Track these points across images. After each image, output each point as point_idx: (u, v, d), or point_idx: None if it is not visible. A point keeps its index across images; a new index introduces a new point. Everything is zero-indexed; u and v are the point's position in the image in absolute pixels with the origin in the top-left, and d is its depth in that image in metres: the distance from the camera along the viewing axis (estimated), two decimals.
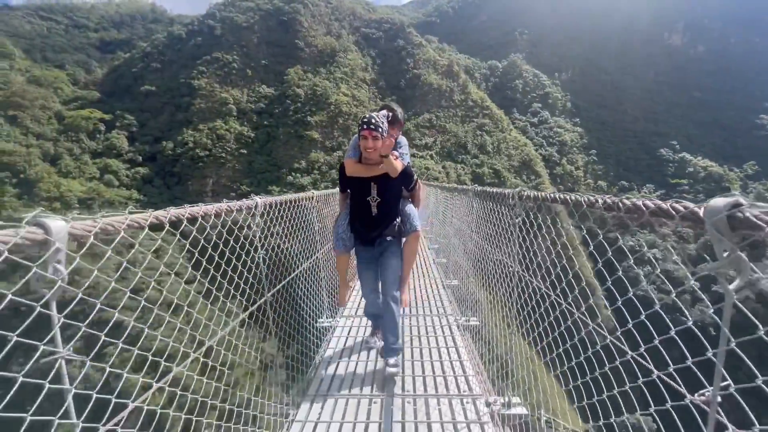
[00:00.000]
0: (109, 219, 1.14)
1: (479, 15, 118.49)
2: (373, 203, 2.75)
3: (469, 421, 2.49)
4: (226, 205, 1.80)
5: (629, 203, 1.18)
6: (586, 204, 1.36)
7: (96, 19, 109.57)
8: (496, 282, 3.19)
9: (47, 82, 63.21)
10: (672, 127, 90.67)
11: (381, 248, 2.94)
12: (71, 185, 47.48)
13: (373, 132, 2.52)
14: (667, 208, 1.03)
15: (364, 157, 2.69)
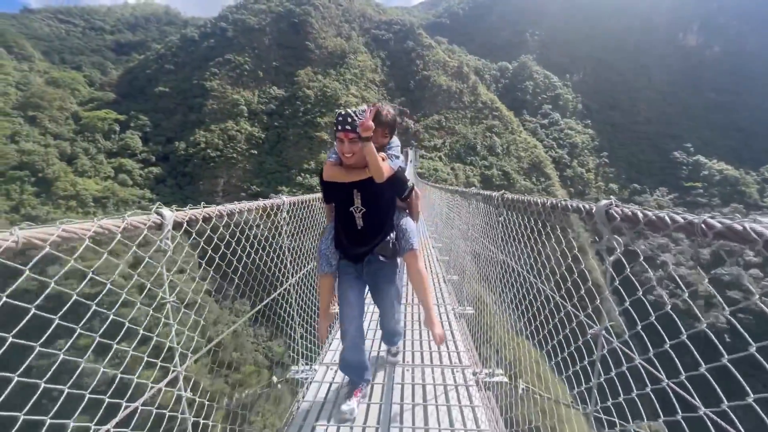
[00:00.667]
0: (196, 210, 1.67)
1: (489, 16, 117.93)
2: (357, 214, 2.30)
3: (457, 385, 2.93)
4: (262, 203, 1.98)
5: (537, 200, 1.98)
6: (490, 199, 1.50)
7: (112, 21, 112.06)
8: (495, 277, 3.37)
9: (65, 84, 64.93)
10: (686, 129, 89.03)
11: (372, 269, 2.45)
12: (87, 184, 48.68)
13: (350, 133, 2.06)
14: (568, 205, 1.60)
15: (344, 162, 2.24)
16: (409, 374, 3.02)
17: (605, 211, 1.33)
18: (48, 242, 1.00)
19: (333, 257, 2.47)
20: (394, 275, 2.54)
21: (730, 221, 0.87)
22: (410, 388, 2.85)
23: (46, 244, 1.00)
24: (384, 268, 2.46)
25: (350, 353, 2.55)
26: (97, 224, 1.16)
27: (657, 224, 1.08)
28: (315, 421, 2.54)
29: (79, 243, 1.12)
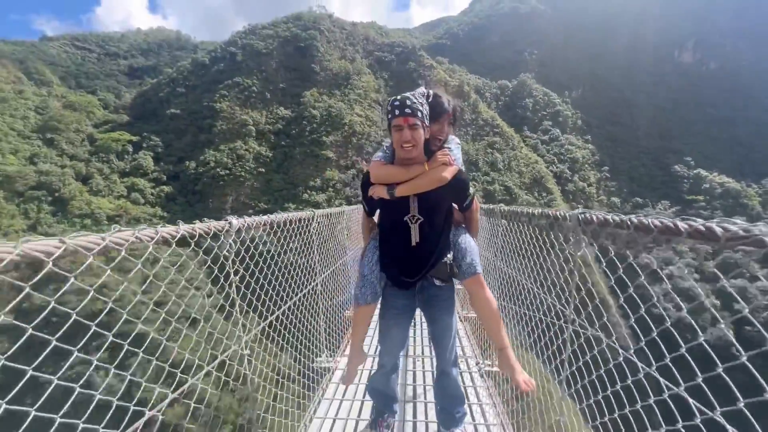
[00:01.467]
0: (252, 219, 2.25)
1: (489, 36, 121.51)
2: (413, 224, 1.84)
3: (461, 371, 3.14)
4: (201, 227, 1.61)
5: (526, 210, 2.36)
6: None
7: (125, 47, 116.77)
8: (508, 290, 3.14)
9: (81, 107, 67.74)
10: (686, 143, 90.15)
11: (425, 297, 2.02)
12: (101, 203, 50.33)
13: (410, 119, 1.69)
14: (547, 212, 2.10)
15: (401, 158, 1.82)
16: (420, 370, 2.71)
17: (577, 216, 1.61)
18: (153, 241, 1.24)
19: (378, 283, 2.05)
20: (452, 304, 2.08)
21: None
22: (421, 375, 2.80)
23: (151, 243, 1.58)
24: (441, 295, 2.01)
25: (381, 383, 2.30)
26: (181, 228, 1.39)
27: (621, 225, 1.27)
28: (336, 415, 2.76)
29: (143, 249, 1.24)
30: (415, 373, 3.33)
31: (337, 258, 4.39)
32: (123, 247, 1.15)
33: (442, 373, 2.18)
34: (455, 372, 2.18)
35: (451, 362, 2.13)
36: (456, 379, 2.19)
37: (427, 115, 1.77)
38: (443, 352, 2.09)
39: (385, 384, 2.29)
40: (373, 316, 2.18)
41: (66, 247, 0.96)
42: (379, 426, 2.34)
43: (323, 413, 2.76)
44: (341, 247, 4.59)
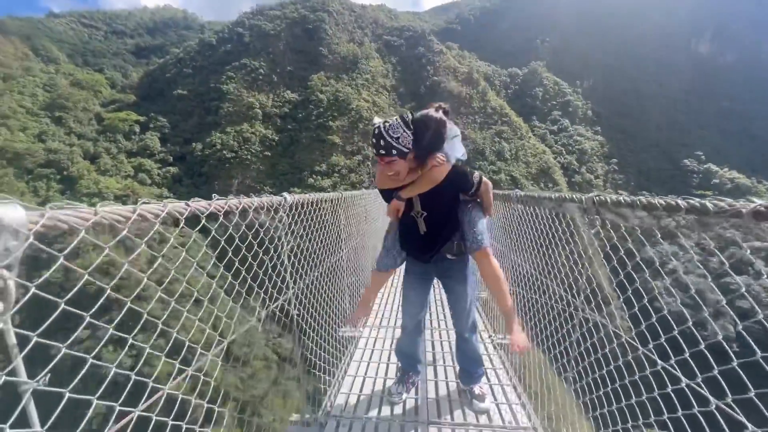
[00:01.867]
0: (300, 196, 2.39)
1: (501, 22, 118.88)
2: (419, 218, 2.12)
3: (481, 340, 3.12)
4: (258, 200, 1.68)
5: (547, 194, 2.44)
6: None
7: (132, 25, 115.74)
8: (532, 295, 3.03)
9: (88, 86, 67.65)
10: (697, 137, 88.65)
11: (440, 267, 2.29)
12: (108, 182, 50.76)
13: (385, 158, 1.83)
14: (564, 195, 2.24)
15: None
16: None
17: (592, 198, 1.77)
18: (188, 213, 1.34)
19: (399, 255, 2.33)
20: (466, 275, 2.30)
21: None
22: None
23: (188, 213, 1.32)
24: (454, 267, 2.26)
25: (405, 345, 2.57)
26: (237, 202, 1.46)
27: (632, 205, 1.42)
28: (365, 374, 2.97)
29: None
30: (433, 343, 3.60)
31: (357, 236, 4.58)
32: (183, 216, 1.20)
33: (460, 337, 2.45)
34: (473, 337, 2.41)
35: (467, 328, 2.38)
36: (474, 343, 2.44)
37: (404, 143, 1.80)
38: (459, 318, 2.37)
39: (409, 345, 2.56)
40: (387, 281, 2.50)
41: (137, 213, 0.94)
42: (405, 382, 2.63)
43: (353, 372, 3.04)
44: (361, 228, 4.74)
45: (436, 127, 1.88)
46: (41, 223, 0.73)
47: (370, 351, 3.42)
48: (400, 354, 2.67)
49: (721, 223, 1.05)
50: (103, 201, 0.88)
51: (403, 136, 1.80)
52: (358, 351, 3.44)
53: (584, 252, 2.06)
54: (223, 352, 1.70)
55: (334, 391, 2.80)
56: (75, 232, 0.83)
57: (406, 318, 2.47)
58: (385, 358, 3.25)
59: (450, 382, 2.82)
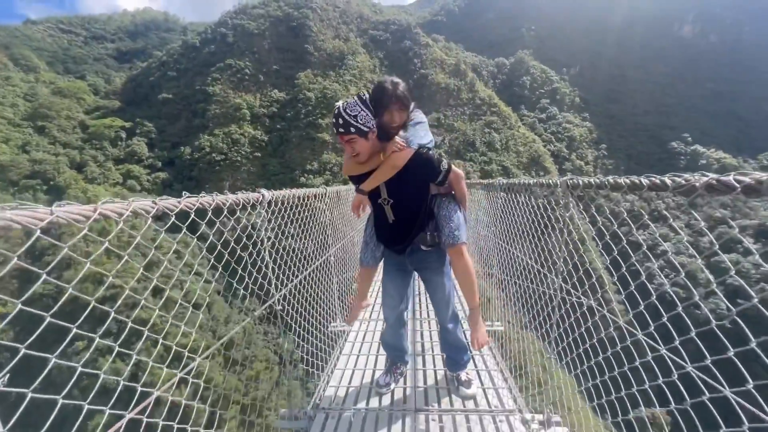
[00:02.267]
0: (282, 192, 2.35)
1: (486, 12, 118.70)
2: (386, 206, 2.09)
3: (464, 329, 2.68)
4: (233, 197, 1.61)
5: (522, 180, 2.45)
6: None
7: (112, 29, 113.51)
8: (516, 280, 3.11)
9: (70, 93, 66.36)
10: (684, 119, 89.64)
11: (416, 259, 2.24)
12: (97, 191, 49.98)
13: (344, 136, 1.85)
14: (540, 181, 2.31)
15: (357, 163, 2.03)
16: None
17: (566, 182, 1.86)
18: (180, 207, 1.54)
19: (377, 249, 2.33)
20: (442, 264, 2.25)
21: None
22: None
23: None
24: (429, 258, 2.22)
25: (390, 336, 2.58)
26: (210, 199, 1.43)
27: (601, 186, 1.51)
28: (354, 367, 2.97)
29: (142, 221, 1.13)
30: (422, 333, 3.62)
31: (346, 233, 4.57)
32: (150, 214, 1.14)
33: (442, 327, 2.44)
34: (453, 326, 2.40)
35: (448, 318, 2.37)
36: (455, 332, 2.42)
37: (363, 122, 1.84)
38: (438, 308, 2.38)
39: (393, 337, 2.57)
40: (374, 276, 2.45)
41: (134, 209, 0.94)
42: (393, 372, 2.65)
43: (342, 365, 3.05)
44: (349, 223, 4.68)
45: (403, 87, 1.94)
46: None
47: (360, 344, 3.44)
48: (386, 345, 2.69)
49: (710, 203, 1.04)
50: (76, 203, 0.89)
51: (360, 114, 1.84)
52: (348, 344, 3.46)
53: (563, 234, 2.06)
54: (213, 355, 1.64)
55: (323, 385, 2.82)
56: (31, 233, 0.80)
57: (386, 310, 2.47)
58: (374, 350, 3.27)
59: (438, 370, 2.84)
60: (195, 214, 1.39)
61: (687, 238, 1.64)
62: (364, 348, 3.37)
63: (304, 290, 2.92)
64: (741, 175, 0.94)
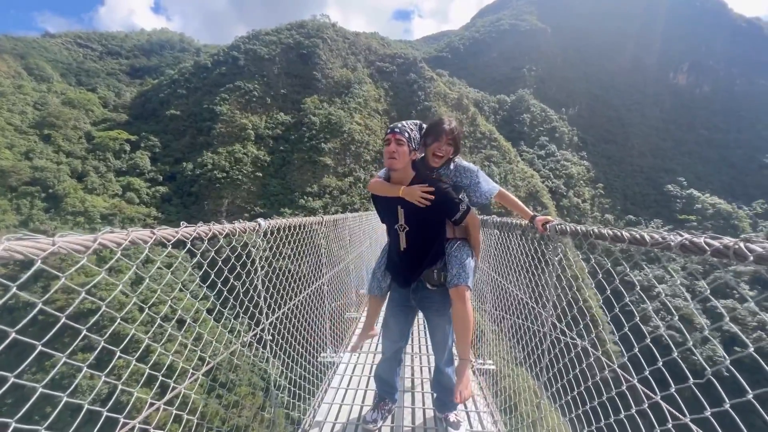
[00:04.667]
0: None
1: (489, 51, 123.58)
2: (401, 232, 2.10)
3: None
4: (230, 227, 1.63)
5: (510, 221, 2.47)
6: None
7: (128, 47, 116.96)
8: (509, 316, 3.11)
9: (80, 104, 67.51)
10: (679, 163, 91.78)
11: (419, 296, 2.24)
12: (95, 201, 49.94)
13: (397, 135, 1.98)
14: (530, 224, 2.31)
15: (387, 167, 2.08)
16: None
17: (555, 227, 1.89)
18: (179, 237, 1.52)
19: (384, 279, 2.36)
20: (446, 307, 2.20)
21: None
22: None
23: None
24: (432, 298, 2.19)
25: (383, 371, 2.55)
26: (207, 228, 1.45)
27: (587, 235, 1.52)
28: (335, 418, 2.79)
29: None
30: (413, 368, 3.55)
31: (340, 261, 4.54)
32: (147, 244, 1.15)
33: (437, 368, 2.41)
34: (449, 370, 2.35)
35: (444, 360, 2.34)
36: (450, 376, 2.36)
37: (414, 139, 2.03)
38: (435, 349, 2.37)
39: (386, 371, 2.53)
40: (381, 307, 2.51)
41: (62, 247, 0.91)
42: (380, 409, 2.58)
43: (330, 399, 2.98)
44: (344, 251, 4.66)
45: (454, 128, 2.17)
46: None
47: (349, 377, 3.37)
48: (377, 379, 2.62)
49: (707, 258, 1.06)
50: (88, 220, 0.91)
51: (415, 131, 2.07)
52: (337, 377, 3.38)
53: (552, 277, 2.08)
54: (201, 377, 1.65)
55: (309, 419, 2.74)
56: (32, 263, 0.82)
57: (385, 342, 2.45)
58: (363, 385, 3.20)
59: (426, 410, 2.79)
60: (192, 244, 1.40)
61: (682, 280, 1.64)
62: (353, 382, 3.27)
63: (295, 318, 2.85)
64: (711, 239, 0.98)
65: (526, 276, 2.70)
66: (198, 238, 1.41)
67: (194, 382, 1.60)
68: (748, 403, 0.96)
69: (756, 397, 0.96)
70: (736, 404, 1.00)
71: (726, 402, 0.99)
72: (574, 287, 2.01)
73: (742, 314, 45.82)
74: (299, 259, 3.13)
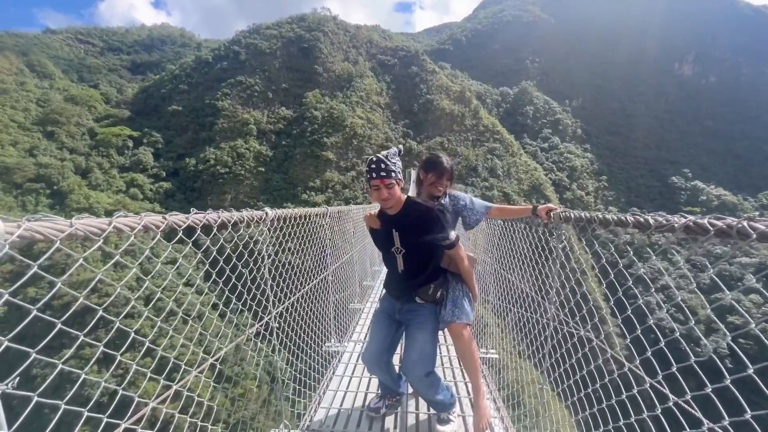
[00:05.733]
0: (283, 210, 2.39)
1: (492, 44, 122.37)
2: (398, 255, 2.13)
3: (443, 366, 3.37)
4: (239, 214, 1.66)
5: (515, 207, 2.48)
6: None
7: (129, 42, 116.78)
8: (511, 307, 3.14)
9: (82, 101, 67.66)
10: (684, 155, 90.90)
11: (405, 309, 2.22)
12: (99, 197, 50.22)
13: (385, 180, 1.94)
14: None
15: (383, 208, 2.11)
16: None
17: (559, 214, 1.96)
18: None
19: (383, 299, 2.42)
20: (429, 323, 2.17)
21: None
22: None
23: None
24: (418, 311, 2.18)
25: (378, 377, 2.57)
26: (216, 216, 1.48)
27: (591, 221, 1.56)
28: (346, 388, 2.95)
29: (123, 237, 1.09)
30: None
31: (344, 253, 4.59)
32: (159, 228, 1.21)
33: (413, 385, 2.27)
34: (424, 386, 2.18)
35: (416, 377, 2.14)
36: (428, 390, 2.20)
37: (399, 171, 1.99)
38: (406, 366, 2.16)
39: (380, 376, 2.48)
40: None
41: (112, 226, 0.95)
42: (384, 398, 2.59)
43: (335, 387, 3.04)
44: (348, 244, 4.71)
45: (451, 165, 2.40)
46: (17, 234, 0.77)
47: (353, 365, 3.42)
48: (380, 381, 2.63)
49: (711, 239, 1.08)
50: (92, 216, 0.93)
51: (398, 164, 2.00)
52: (341, 365, 3.43)
53: (555, 264, 2.10)
54: (207, 369, 1.69)
55: (314, 406, 2.79)
56: (51, 243, 0.86)
57: (367, 354, 2.36)
58: (367, 372, 3.23)
59: (433, 413, 2.77)
60: (203, 231, 1.45)
61: (686, 272, 1.65)
62: (358, 370, 3.31)
63: (301, 308, 2.91)
64: (716, 219, 0.98)
65: (529, 266, 2.71)
66: (207, 225, 1.45)
67: (200, 374, 1.64)
68: (751, 380, 0.97)
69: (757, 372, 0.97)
70: (736, 380, 1.01)
71: (727, 378, 1.01)
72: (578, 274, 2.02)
73: (746, 306, 45.74)
74: (305, 251, 3.15)
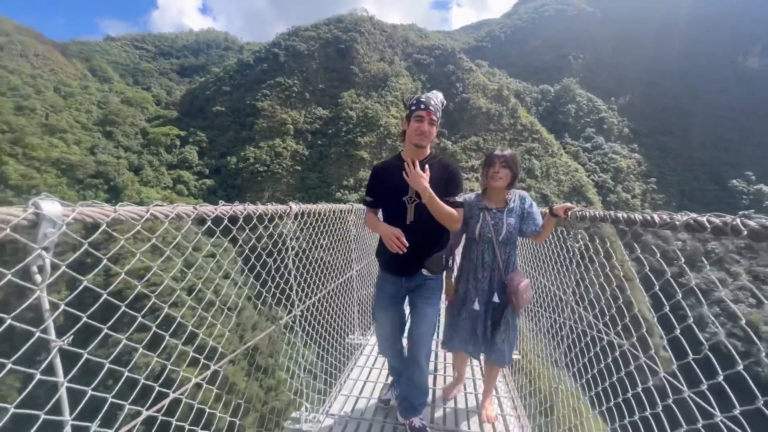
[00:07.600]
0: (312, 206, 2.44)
1: (532, 40, 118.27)
2: (409, 204, 1.96)
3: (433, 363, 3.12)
4: (263, 207, 1.71)
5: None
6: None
7: (178, 47, 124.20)
8: (544, 312, 3.05)
9: (136, 103, 72.79)
10: (747, 156, 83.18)
11: (412, 284, 2.09)
12: (149, 193, 53.79)
13: (432, 115, 1.89)
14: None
15: (412, 143, 1.95)
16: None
17: (576, 214, 1.96)
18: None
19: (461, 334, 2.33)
20: (436, 297, 2.10)
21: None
22: None
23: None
24: (425, 285, 2.08)
25: (390, 365, 2.58)
26: (242, 207, 1.58)
27: (604, 219, 1.59)
28: (366, 378, 3.13)
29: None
30: (436, 353, 3.68)
31: (370, 249, 4.67)
32: (191, 217, 1.33)
33: (413, 360, 2.15)
34: (425, 364, 2.16)
35: (423, 353, 2.13)
36: (425, 371, 2.18)
37: (439, 120, 1.98)
38: (417, 339, 2.09)
39: (394, 364, 2.50)
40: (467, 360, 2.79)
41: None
42: (396, 388, 2.59)
43: (355, 376, 3.22)
44: (373, 241, 4.76)
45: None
46: (72, 216, 0.91)
47: (374, 357, 3.60)
48: (391, 368, 2.62)
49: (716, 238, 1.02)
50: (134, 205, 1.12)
51: (440, 109, 1.98)
52: (363, 357, 3.63)
53: (578, 267, 2.08)
54: (238, 360, 1.74)
55: (335, 393, 2.94)
56: (98, 225, 1.02)
57: (380, 345, 2.35)
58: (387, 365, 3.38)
59: (438, 389, 2.93)
60: (230, 222, 1.53)
61: (747, 284, 1.46)
62: (378, 362, 3.50)
63: (327, 304, 3.11)
64: (714, 217, 0.98)
65: (560, 269, 2.67)
66: (235, 216, 1.52)
67: (234, 363, 1.70)
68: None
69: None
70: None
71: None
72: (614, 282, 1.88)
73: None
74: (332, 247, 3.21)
